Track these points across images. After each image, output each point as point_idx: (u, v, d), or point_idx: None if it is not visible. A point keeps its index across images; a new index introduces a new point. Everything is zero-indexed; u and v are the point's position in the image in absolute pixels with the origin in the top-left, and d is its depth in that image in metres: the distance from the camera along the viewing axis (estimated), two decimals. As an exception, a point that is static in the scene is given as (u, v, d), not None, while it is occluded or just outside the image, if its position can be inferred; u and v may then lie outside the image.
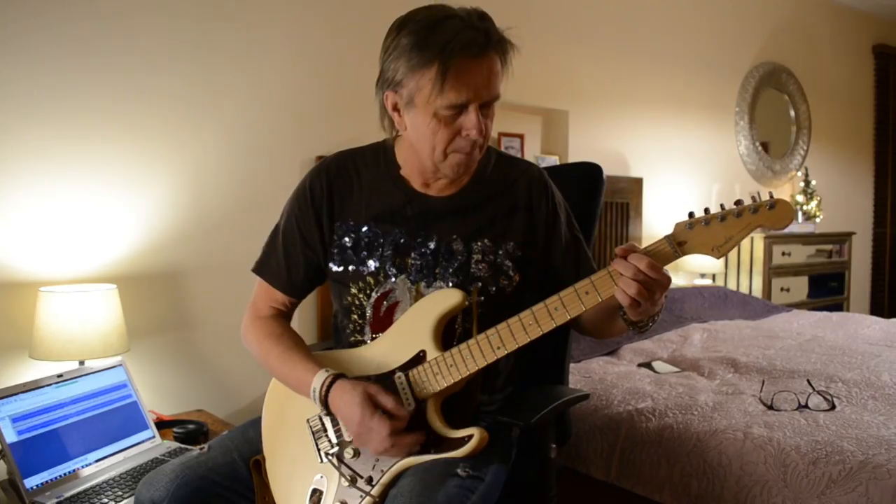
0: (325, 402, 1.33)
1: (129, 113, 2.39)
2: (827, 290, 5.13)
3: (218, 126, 2.59)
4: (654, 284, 1.19)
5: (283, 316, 1.54)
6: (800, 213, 5.00)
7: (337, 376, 1.33)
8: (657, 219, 4.29)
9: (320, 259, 1.47)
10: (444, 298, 1.33)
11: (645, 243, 3.60)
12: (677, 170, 4.49)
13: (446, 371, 1.30)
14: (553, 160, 3.71)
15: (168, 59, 2.47)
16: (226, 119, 2.60)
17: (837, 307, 5.17)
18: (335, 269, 1.44)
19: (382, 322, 1.40)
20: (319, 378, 1.34)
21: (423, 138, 1.32)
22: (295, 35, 2.77)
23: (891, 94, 6.06)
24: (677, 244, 1.19)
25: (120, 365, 2.04)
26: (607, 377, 2.55)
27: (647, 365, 2.74)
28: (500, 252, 1.41)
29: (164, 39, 2.45)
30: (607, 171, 1.82)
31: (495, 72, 1.28)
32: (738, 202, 1.17)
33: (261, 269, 1.52)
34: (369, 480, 1.30)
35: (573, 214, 1.54)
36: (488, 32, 1.26)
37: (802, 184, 5.10)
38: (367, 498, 1.29)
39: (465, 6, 1.29)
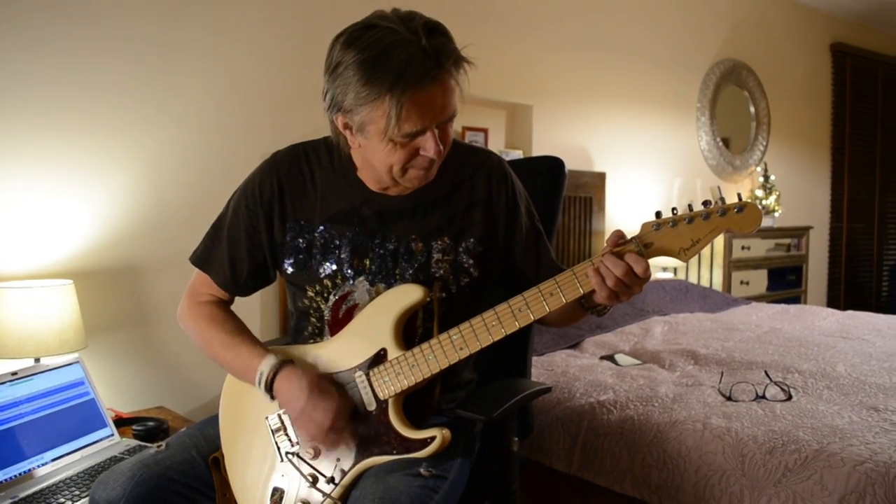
0: (269, 387, 1.31)
1: (84, 106, 2.34)
2: (785, 283, 5.23)
3: (175, 120, 2.55)
4: (641, 283, 1.20)
5: (224, 303, 1.49)
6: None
7: (285, 362, 1.32)
8: (620, 213, 4.34)
9: (268, 259, 1.43)
10: (405, 294, 1.31)
11: (608, 238, 3.61)
12: (640, 165, 4.54)
13: (408, 371, 1.28)
14: (517, 154, 3.72)
15: (124, 53, 2.42)
16: (183, 113, 2.57)
17: (795, 300, 5.28)
18: (289, 270, 1.40)
19: (342, 325, 1.37)
20: (268, 362, 1.32)
21: (379, 159, 1.27)
22: (252, 30, 2.74)
23: (847, 92, 6.19)
24: (644, 246, 1.17)
25: (77, 362, 2.00)
26: (570, 370, 2.57)
27: (610, 358, 2.76)
28: (461, 249, 1.38)
29: (120, 33, 2.40)
30: (570, 165, 1.83)
31: (450, 91, 1.20)
32: (705, 203, 1.14)
33: (202, 262, 1.46)
34: (331, 480, 1.29)
35: (535, 207, 1.53)
36: (439, 54, 1.16)
37: (762, 179, 5.19)
38: (328, 500, 1.28)
39: (413, 13, 1.19)
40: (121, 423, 2.12)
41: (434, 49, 1.15)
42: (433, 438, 1.26)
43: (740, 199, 1.15)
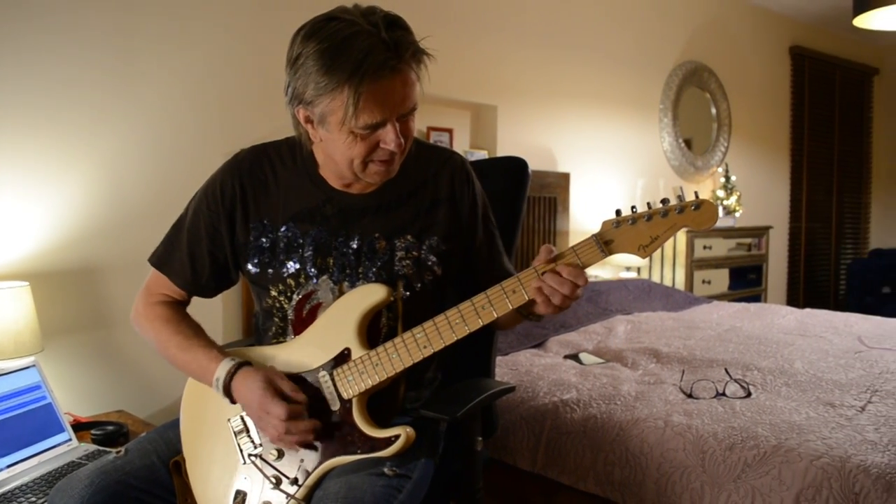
0: (227, 391, 1.30)
1: (39, 105, 2.30)
2: (746, 281, 5.32)
3: (136, 116, 2.51)
4: (579, 293, 1.23)
5: (180, 304, 1.48)
6: (720, 209, 5.16)
7: (241, 364, 1.31)
8: (584, 213, 4.37)
9: (229, 261, 1.42)
10: (369, 294, 1.31)
11: (572, 237, 3.67)
12: (604, 165, 4.58)
13: (372, 370, 1.28)
14: (482, 155, 3.73)
15: (82, 47, 2.38)
16: (142, 111, 2.53)
17: (756, 298, 5.36)
18: (253, 270, 1.40)
19: (306, 324, 1.37)
20: (224, 367, 1.31)
21: (340, 152, 1.27)
22: (213, 27, 2.71)
23: (806, 94, 6.31)
24: (604, 243, 1.20)
25: (33, 366, 1.97)
26: (533, 369, 2.59)
27: (574, 357, 2.78)
28: (424, 247, 1.39)
29: (75, 29, 2.36)
30: (535, 165, 1.84)
31: (410, 83, 1.21)
32: (664, 201, 1.17)
33: (162, 263, 1.44)
34: (294, 481, 1.29)
35: (497, 208, 1.54)
36: (398, 46, 1.17)
37: (723, 179, 5.27)
38: (292, 501, 1.27)
39: (374, 8, 1.21)
40: (79, 427, 2.08)
41: (393, 41, 1.17)
42: (397, 437, 1.26)
43: (697, 196, 1.17)
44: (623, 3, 4.65)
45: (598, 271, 4.52)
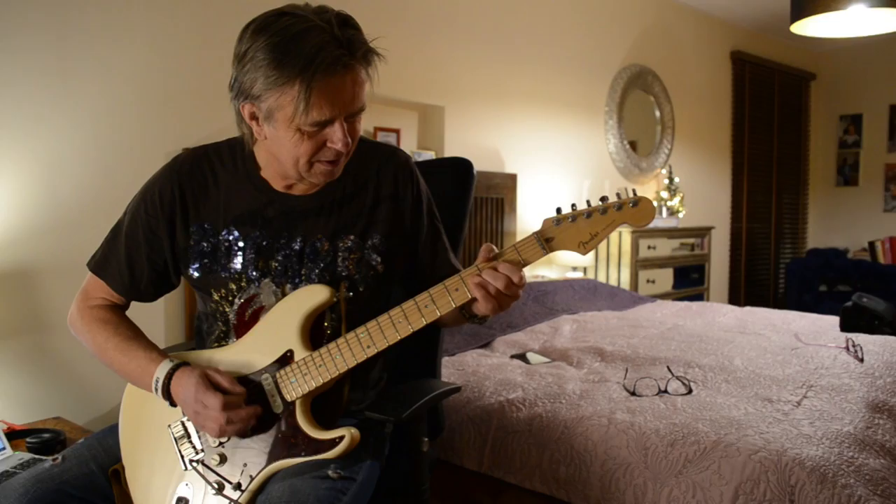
0: (167, 392, 1.29)
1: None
2: (689, 281, 5.43)
3: (73, 115, 2.44)
4: (518, 291, 1.24)
5: (119, 308, 1.45)
6: (664, 209, 5.26)
7: (180, 365, 1.30)
8: (531, 214, 4.41)
9: (169, 266, 1.40)
10: (311, 295, 1.30)
11: (519, 238, 3.68)
12: (551, 165, 4.63)
13: (315, 371, 1.27)
14: (429, 155, 3.74)
15: (16, 43, 2.30)
16: (82, 108, 2.46)
17: (699, 297, 5.48)
18: (195, 275, 1.38)
19: (248, 328, 1.35)
20: (164, 368, 1.29)
21: (286, 150, 1.26)
22: (159, 18, 2.66)
23: (746, 98, 6.48)
24: (545, 240, 1.21)
25: (-36, 372, 1.90)
26: (480, 369, 2.60)
27: (521, 356, 2.80)
28: (367, 246, 1.39)
29: (11, 21, 2.29)
30: (482, 166, 1.85)
31: (360, 83, 1.22)
32: (603, 199, 1.19)
33: (100, 269, 1.42)
34: (237, 486, 1.27)
35: (443, 209, 1.54)
36: (351, 44, 1.18)
37: (667, 181, 5.37)
38: None
39: (325, 7, 1.21)
40: (14, 435, 2.02)
41: (346, 38, 1.17)
42: (342, 438, 1.25)
43: (635, 194, 1.20)
44: (569, 6, 4.71)
45: (545, 271, 4.56)
